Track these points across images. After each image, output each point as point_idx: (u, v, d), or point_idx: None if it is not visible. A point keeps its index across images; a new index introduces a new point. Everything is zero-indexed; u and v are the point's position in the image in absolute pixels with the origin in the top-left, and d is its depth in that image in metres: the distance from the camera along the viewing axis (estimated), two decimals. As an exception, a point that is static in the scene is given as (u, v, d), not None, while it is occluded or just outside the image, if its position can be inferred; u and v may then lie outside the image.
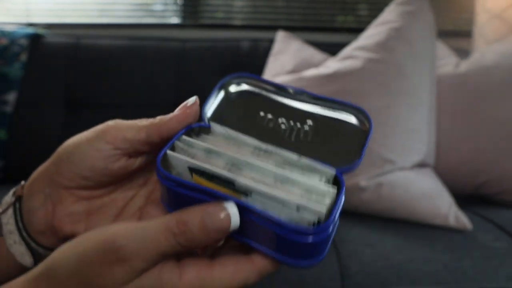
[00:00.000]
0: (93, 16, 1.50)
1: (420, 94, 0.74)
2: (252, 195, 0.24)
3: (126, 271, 0.22)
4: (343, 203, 0.25)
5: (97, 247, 0.22)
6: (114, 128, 0.27)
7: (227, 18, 1.54)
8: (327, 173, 0.27)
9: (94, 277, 0.22)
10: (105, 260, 0.22)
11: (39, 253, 0.29)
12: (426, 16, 0.77)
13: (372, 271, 0.53)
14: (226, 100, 0.31)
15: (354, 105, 0.29)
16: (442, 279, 0.52)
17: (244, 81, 0.31)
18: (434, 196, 0.67)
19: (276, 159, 0.27)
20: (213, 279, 0.23)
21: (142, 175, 0.30)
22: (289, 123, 0.30)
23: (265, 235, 0.23)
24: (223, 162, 0.26)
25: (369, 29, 0.83)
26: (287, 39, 1.05)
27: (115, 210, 0.30)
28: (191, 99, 0.28)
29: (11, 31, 1.09)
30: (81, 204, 0.29)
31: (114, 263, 0.22)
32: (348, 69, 0.75)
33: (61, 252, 0.24)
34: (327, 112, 0.30)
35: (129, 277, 0.22)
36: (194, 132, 0.29)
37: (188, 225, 0.22)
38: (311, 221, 0.23)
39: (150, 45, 1.10)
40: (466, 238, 0.61)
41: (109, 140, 0.26)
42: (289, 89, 0.30)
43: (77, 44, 1.08)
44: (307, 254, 0.23)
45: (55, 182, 0.28)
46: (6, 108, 1.00)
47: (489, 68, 0.81)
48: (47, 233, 0.29)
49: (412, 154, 0.72)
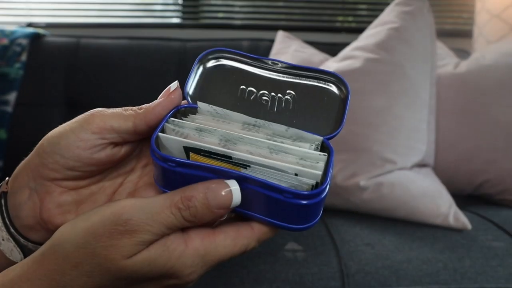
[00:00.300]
0: (93, 16, 1.50)
1: (420, 94, 0.74)
2: (250, 167, 0.25)
3: (134, 243, 0.23)
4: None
5: (104, 220, 0.23)
6: (99, 117, 0.26)
7: (227, 18, 1.54)
8: (315, 140, 0.28)
9: (102, 249, 0.23)
10: (113, 232, 0.23)
11: (29, 248, 0.29)
12: (425, 16, 0.77)
13: (372, 271, 0.53)
14: (206, 77, 0.31)
15: (331, 72, 0.30)
16: (441, 278, 0.52)
17: (221, 55, 0.31)
18: (434, 196, 0.67)
19: (266, 132, 0.28)
20: (216, 245, 0.24)
21: (129, 162, 0.30)
22: (271, 94, 0.30)
23: (264, 204, 0.25)
24: (217, 139, 0.26)
25: (369, 29, 0.83)
26: (287, 39, 1.05)
27: (104, 198, 0.30)
28: (173, 84, 0.29)
29: (11, 31, 1.09)
30: (69, 195, 0.29)
31: (122, 235, 0.23)
32: (348, 69, 0.75)
33: (67, 227, 0.24)
34: (306, 81, 0.31)
35: (137, 249, 0.23)
36: (181, 113, 0.29)
37: (192, 200, 0.23)
38: (310, 184, 0.24)
39: (150, 45, 1.10)
40: (466, 238, 0.61)
41: (95, 130, 0.26)
42: (267, 61, 0.31)
43: (77, 44, 1.08)
44: (305, 217, 0.25)
45: (40, 174, 0.27)
46: (6, 108, 1.00)
47: (489, 68, 0.81)
48: (37, 227, 0.28)
49: (412, 154, 0.72)
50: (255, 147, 0.26)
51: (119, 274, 0.24)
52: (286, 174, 0.24)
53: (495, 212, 0.71)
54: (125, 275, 0.24)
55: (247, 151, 0.26)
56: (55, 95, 1.04)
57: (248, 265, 0.53)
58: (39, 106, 1.02)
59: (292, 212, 0.24)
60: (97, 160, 0.27)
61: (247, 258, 0.54)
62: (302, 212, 0.24)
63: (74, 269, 0.23)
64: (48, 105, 1.03)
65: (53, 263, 0.24)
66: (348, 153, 0.70)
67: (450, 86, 0.83)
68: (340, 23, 1.58)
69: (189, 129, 0.27)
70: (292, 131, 0.28)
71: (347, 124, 0.72)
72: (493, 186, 0.78)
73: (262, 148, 0.26)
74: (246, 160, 0.25)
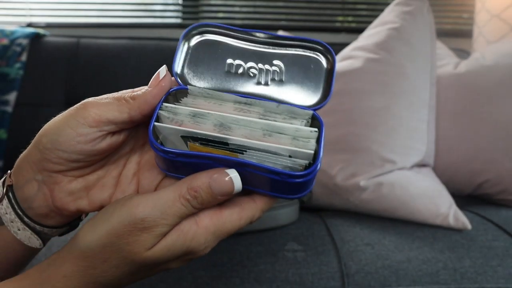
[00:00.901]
0: (93, 16, 1.50)
1: (420, 94, 0.74)
2: (247, 152, 0.26)
3: (153, 236, 0.26)
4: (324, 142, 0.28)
5: (123, 220, 0.26)
6: (94, 110, 0.27)
7: (227, 18, 1.54)
8: (306, 115, 0.29)
9: (125, 245, 0.26)
10: (132, 230, 0.25)
11: (45, 233, 0.31)
12: (425, 16, 0.77)
13: (372, 271, 0.53)
14: (192, 53, 0.31)
15: (317, 41, 0.30)
16: (441, 278, 0.52)
17: (205, 30, 0.31)
18: (434, 196, 0.67)
19: (257, 110, 0.29)
20: (224, 221, 0.27)
21: (128, 144, 0.32)
22: (258, 66, 0.30)
23: (263, 181, 0.26)
24: (211, 123, 0.27)
25: (369, 29, 0.83)
26: (287, 39, 1.05)
27: (112, 181, 0.31)
28: (161, 70, 0.29)
29: (11, 31, 1.09)
30: (78, 182, 0.30)
31: (141, 231, 0.25)
32: (348, 69, 0.75)
33: (88, 230, 0.27)
34: (292, 50, 0.31)
35: (156, 240, 0.26)
36: (172, 96, 0.29)
37: (198, 190, 0.26)
38: (303, 164, 0.26)
39: (150, 45, 1.10)
40: (466, 238, 0.61)
41: (92, 124, 0.27)
42: (252, 33, 0.31)
43: (77, 44, 1.09)
44: (300, 190, 0.27)
45: (45, 168, 0.28)
46: (6, 108, 1.00)
47: (489, 68, 0.81)
48: (51, 214, 0.30)
49: (412, 154, 0.72)
50: (250, 129, 0.27)
51: (143, 263, 0.26)
52: (281, 156, 0.26)
53: (495, 212, 0.72)
54: (148, 263, 0.27)
55: (242, 135, 0.27)
56: (55, 95, 1.04)
57: (248, 265, 0.53)
58: (39, 106, 1.02)
59: (288, 187, 0.26)
60: (99, 150, 0.28)
61: (247, 258, 0.54)
62: (297, 186, 0.26)
63: (104, 263, 0.26)
64: (48, 105, 1.03)
65: (84, 261, 0.26)
66: (347, 153, 0.70)
67: (450, 86, 0.83)
68: (340, 23, 1.58)
69: (183, 116, 0.27)
70: (283, 107, 0.29)
71: (347, 124, 0.72)
72: (493, 186, 0.78)
73: (256, 130, 0.27)
74: (242, 146, 0.26)
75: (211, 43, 0.31)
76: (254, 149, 0.26)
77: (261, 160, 0.26)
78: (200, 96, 0.29)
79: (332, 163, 0.71)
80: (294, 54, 0.31)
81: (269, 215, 0.58)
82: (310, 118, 0.29)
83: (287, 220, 0.63)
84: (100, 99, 0.28)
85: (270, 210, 0.52)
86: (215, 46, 0.31)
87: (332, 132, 0.72)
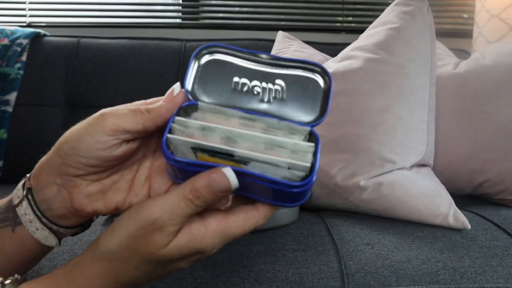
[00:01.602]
0: (93, 16, 1.50)
1: (420, 94, 0.74)
2: (250, 163, 0.29)
3: (164, 236, 0.29)
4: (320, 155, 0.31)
5: (137, 224, 0.29)
6: (111, 119, 0.30)
7: (227, 18, 1.54)
8: (304, 131, 0.32)
9: (142, 247, 0.29)
10: (146, 232, 0.28)
11: (61, 233, 0.35)
12: (425, 16, 0.78)
13: (371, 270, 0.53)
14: (202, 71, 0.34)
15: (315, 63, 0.33)
16: (441, 278, 0.52)
17: (214, 50, 0.34)
18: (434, 195, 0.67)
19: (260, 125, 0.32)
20: (230, 226, 0.30)
21: (141, 151, 0.35)
22: (262, 85, 0.33)
23: (265, 190, 0.29)
24: (219, 137, 0.30)
25: (369, 29, 0.84)
26: (287, 39, 1.05)
27: (126, 184, 0.34)
28: (176, 87, 0.32)
29: (11, 31, 1.09)
30: (95, 186, 0.33)
31: (154, 232, 0.28)
32: (347, 69, 0.75)
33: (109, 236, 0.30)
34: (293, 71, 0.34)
35: (168, 239, 0.29)
36: (183, 110, 0.32)
37: (199, 190, 0.28)
38: (300, 175, 0.29)
39: (150, 45, 1.10)
40: (465, 238, 0.61)
41: (109, 133, 0.30)
42: (257, 54, 0.34)
43: (77, 44, 1.09)
44: (297, 198, 0.30)
45: (65, 172, 0.32)
46: (6, 108, 1.00)
47: (488, 68, 0.82)
48: (68, 215, 0.34)
49: (412, 154, 0.72)
50: (253, 143, 0.30)
51: (159, 261, 0.29)
52: (281, 168, 0.29)
53: (495, 212, 0.72)
54: (163, 261, 0.30)
55: (246, 148, 0.30)
56: (55, 95, 1.04)
57: (248, 265, 0.53)
58: (39, 106, 1.03)
59: (287, 196, 0.29)
60: (114, 156, 0.31)
61: (248, 257, 0.54)
62: (295, 196, 0.29)
63: (125, 264, 0.29)
64: (48, 105, 1.03)
65: (106, 263, 0.30)
66: (347, 153, 0.70)
67: (449, 86, 0.84)
68: (340, 23, 1.58)
69: (193, 129, 0.30)
70: (284, 124, 0.32)
71: (347, 124, 0.72)
72: (492, 186, 0.78)
73: (259, 144, 0.30)
74: (246, 157, 0.29)
75: (219, 63, 0.34)
76: (257, 160, 0.29)
77: (263, 171, 0.29)
78: (209, 111, 0.32)
79: (332, 163, 0.71)
80: (294, 74, 0.34)
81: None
82: (308, 134, 0.32)
83: (287, 220, 0.63)
84: (117, 109, 0.31)
85: None
86: (223, 65, 0.34)
87: (332, 132, 0.72)
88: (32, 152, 1.00)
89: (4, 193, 0.87)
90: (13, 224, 0.34)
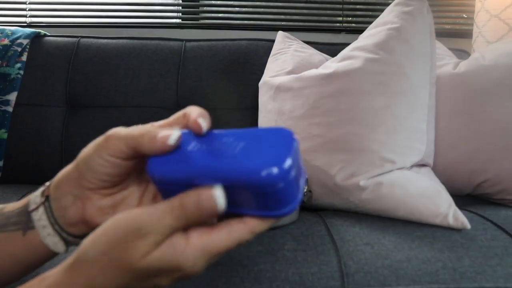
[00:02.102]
0: (93, 16, 1.50)
1: (420, 94, 0.74)
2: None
3: (147, 244, 0.28)
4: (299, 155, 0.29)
5: (119, 231, 0.28)
6: (113, 140, 0.32)
7: (227, 18, 1.54)
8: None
9: (122, 252, 0.28)
10: (129, 238, 0.28)
11: (69, 240, 0.37)
12: (425, 16, 0.78)
13: (371, 270, 0.53)
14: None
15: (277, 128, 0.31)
16: (441, 278, 0.52)
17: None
18: (433, 195, 0.67)
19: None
20: (212, 240, 0.29)
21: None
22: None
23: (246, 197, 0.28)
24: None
25: (369, 29, 0.84)
26: (287, 39, 1.05)
27: (135, 201, 0.36)
28: (172, 138, 0.31)
29: (11, 31, 1.09)
30: (106, 200, 0.35)
31: (136, 239, 0.28)
32: (347, 69, 0.75)
33: (89, 241, 0.29)
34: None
35: (150, 248, 0.28)
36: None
37: (187, 206, 0.28)
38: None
39: (150, 45, 1.10)
40: (465, 238, 0.61)
41: (111, 153, 0.32)
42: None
43: (77, 44, 1.09)
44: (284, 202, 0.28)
45: (81, 185, 0.34)
46: (6, 108, 1.00)
47: (488, 68, 0.82)
48: (78, 225, 0.36)
49: (412, 154, 0.72)
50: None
51: (137, 272, 0.29)
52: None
53: (494, 211, 0.72)
54: (142, 273, 0.29)
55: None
56: (55, 95, 1.04)
57: (248, 265, 0.53)
58: (39, 106, 1.03)
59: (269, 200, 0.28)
60: (123, 172, 0.34)
61: (247, 257, 0.54)
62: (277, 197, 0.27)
63: (101, 274, 0.29)
64: (48, 105, 1.03)
65: (83, 270, 0.29)
66: (347, 153, 0.71)
67: (449, 86, 0.84)
68: (340, 23, 1.58)
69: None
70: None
71: (347, 124, 0.72)
72: (492, 186, 0.78)
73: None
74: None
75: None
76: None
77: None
78: None
79: (332, 163, 0.71)
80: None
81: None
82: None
83: (286, 220, 0.63)
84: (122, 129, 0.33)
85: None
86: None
87: (332, 132, 0.72)
88: (32, 152, 1.00)
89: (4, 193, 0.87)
90: (25, 228, 0.36)
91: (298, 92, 0.80)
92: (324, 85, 0.76)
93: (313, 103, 0.76)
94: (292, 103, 0.80)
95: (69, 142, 1.01)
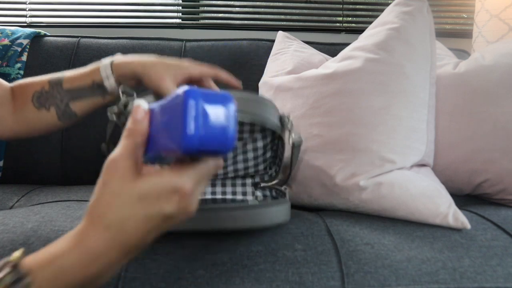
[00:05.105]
0: (93, 16, 1.50)
1: (420, 94, 0.74)
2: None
3: (122, 166, 0.34)
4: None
5: (105, 170, 0.35)
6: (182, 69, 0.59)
7: (227, 18, 1.54)
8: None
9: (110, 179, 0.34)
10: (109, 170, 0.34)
11: (114, 86, 0.57)
12: (425, 16, 0.78)
13: (371, 270, 0.53)
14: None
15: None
16: (441, 278, 0.52)
17: None
18: (433, 195, 0.67)
19: None
20: (198, 165, 0.35)
21: None
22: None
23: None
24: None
25: (369, 29, 0.84)
26: (287, 39, 1.05)
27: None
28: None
29: (11, 31, 1.09)
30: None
31: (114, 167, 0.34)
32: (347, 69, 0.75)
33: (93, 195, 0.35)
34: None
35: (130, 168, 0.34)
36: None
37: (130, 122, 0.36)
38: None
39: (150, 45, 1.10)
40: (465, 238, 0.61)
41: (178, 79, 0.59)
42: None
43: (77, 44, 1.09)
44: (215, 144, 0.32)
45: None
46: (6, 108, 1.00)
47: (488, 68, 0.82)
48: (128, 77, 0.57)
49: (412, 154, 0.72)
50: None
51: (140, 195, 0.33)
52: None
53: (494, 211, 0.72)
54: (145, 194, 0.33)
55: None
56: (55, 95, 1.04)
57: (248, 264, 0.53)
58: (39, 106, 1.02)
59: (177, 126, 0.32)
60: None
61: (247, 257, 0.54)
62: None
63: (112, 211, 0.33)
64: (48, 105, 1.03)
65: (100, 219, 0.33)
66: (347, 153, 0.71)
67: (449, 86, 0.84)
68: (340, 23, 1.58)
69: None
70: None
71: (347, 124, 0.72)
72: (492, 186, 0.78)
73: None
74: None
75: None
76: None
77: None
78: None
79: (332, 163, 0.71)
80: None
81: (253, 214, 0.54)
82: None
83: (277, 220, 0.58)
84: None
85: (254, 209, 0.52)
86: None
87: (332, 132, 0.72)
88: (32, 152, 1.00)
89: (4, 193, 0.87)
90: (104, 95, 0.58)
91: (298, 92, 0.80)
92: (324, 85, 0.76)
93: (313, 103, 0.76)
94: (292, 103, 0.80)
95: (69, 142, 1.01)
